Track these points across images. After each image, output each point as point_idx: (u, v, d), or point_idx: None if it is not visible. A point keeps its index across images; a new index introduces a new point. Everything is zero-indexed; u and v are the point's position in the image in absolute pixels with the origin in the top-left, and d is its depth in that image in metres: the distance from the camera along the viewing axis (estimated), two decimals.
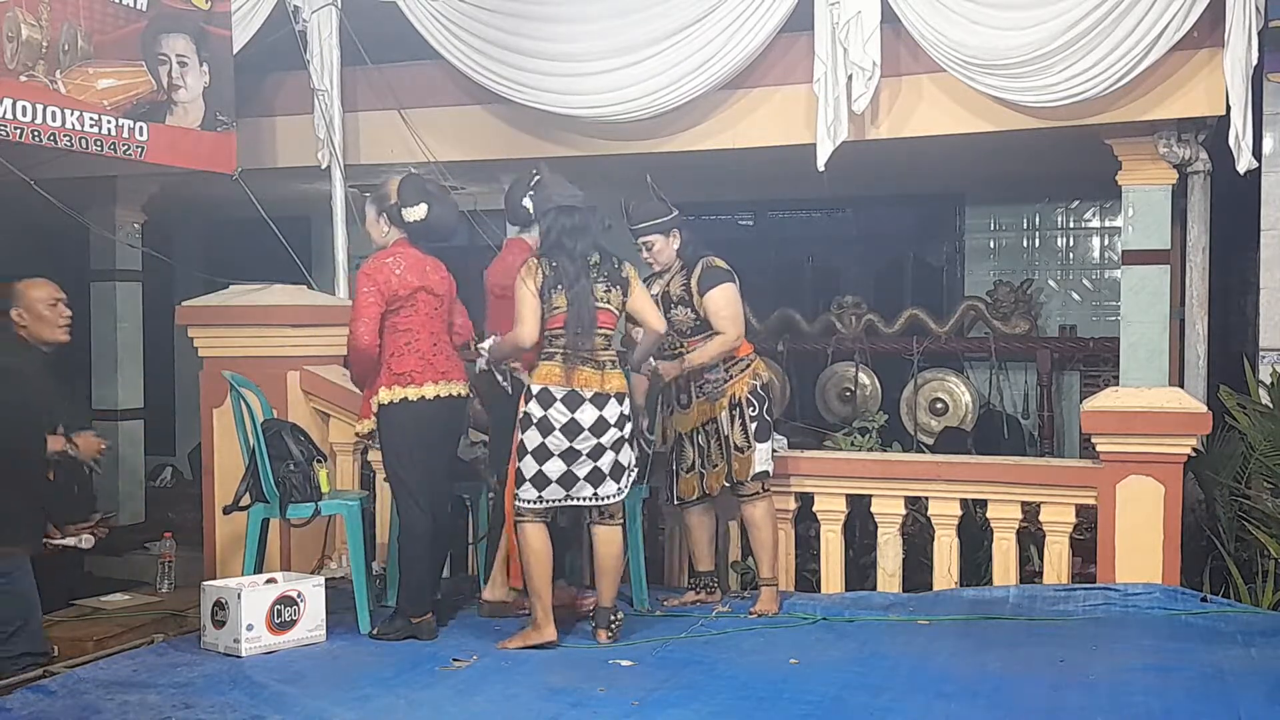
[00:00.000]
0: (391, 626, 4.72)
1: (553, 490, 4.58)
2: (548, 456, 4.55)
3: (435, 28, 6.41)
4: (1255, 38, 5.27)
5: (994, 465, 5.56)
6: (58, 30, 5.49)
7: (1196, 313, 6.10)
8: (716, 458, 5.13)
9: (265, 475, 4.84)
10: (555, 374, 4.55)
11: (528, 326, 4.53)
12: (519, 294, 4.56)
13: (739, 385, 5.09)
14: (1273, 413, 5.46)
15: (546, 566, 4.60)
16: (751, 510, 5.14)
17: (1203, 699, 3.87)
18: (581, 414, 4.54)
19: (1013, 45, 5.58)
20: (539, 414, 4.54)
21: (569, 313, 4.55)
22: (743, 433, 5.07)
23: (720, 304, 5.03)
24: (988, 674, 4.20)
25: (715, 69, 6.06)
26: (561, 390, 4.54)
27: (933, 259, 9.98)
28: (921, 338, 8.89)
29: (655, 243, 5.08)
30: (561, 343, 4.56)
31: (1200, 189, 6.07)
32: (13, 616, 4.47)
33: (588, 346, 4.57)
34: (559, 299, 4.55)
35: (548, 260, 4.59)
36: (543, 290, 4.54)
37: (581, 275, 4.58)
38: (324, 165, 6.69)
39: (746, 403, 5.08)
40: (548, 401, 4.54)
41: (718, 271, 5.07)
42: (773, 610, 5.07)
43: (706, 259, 5.11)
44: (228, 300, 5.86)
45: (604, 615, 4.68)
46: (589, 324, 4.57)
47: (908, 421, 8.94)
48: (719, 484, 5.15)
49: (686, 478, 5.21)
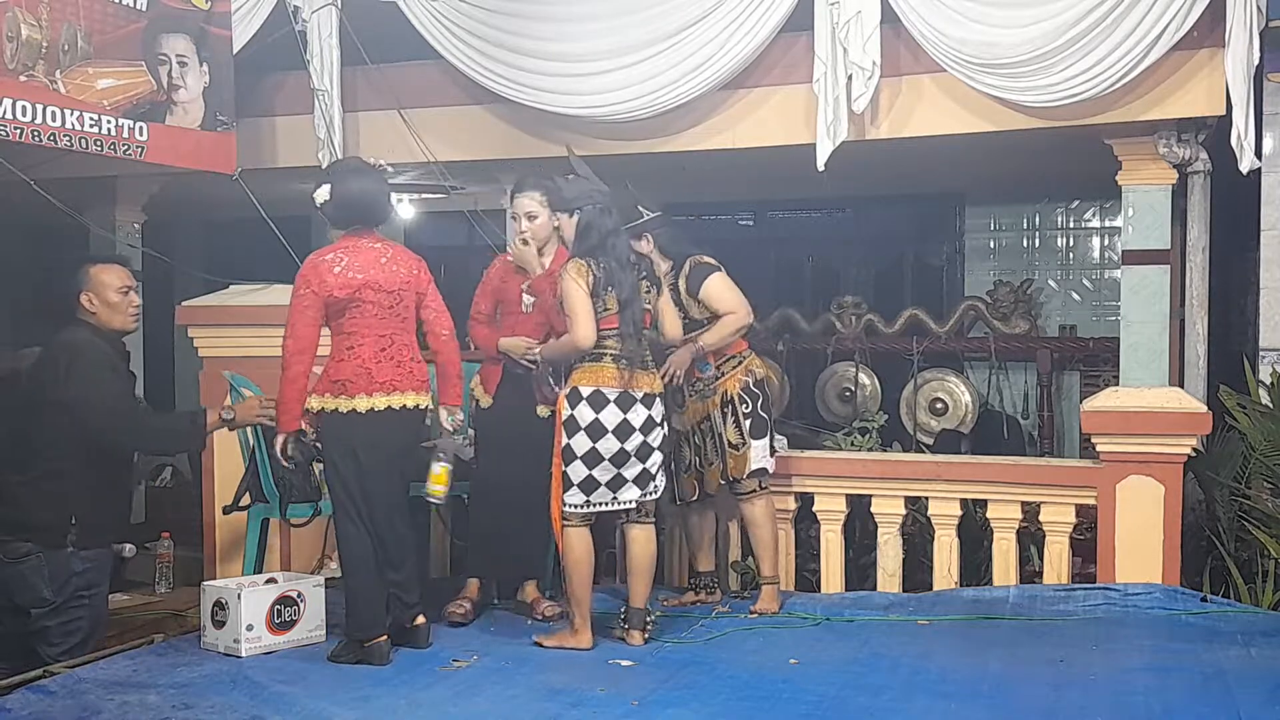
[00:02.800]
0: (344, 650, 4.46)
1: (600, 494, 4.55)
2: (598, 461, 4.51)
3: (435, 28, 6.41)
4: (1256, 38, 5.26)
5: (994, 465, 5.56)
6: (58, 30, 5.48)
7: (1196, 313, 6.10)
8: (713, 456, 5.13)
9: (265, 475, 4.84)
10: (609, 375, 4.52)
11: (585, 328, 4.47)
12: (570, 294, 4.50)
13: (731, 382, 5.09)
14: (1273, 413, 5.46)
15: (589, 572, 4.57)
16: (750, 509, 5.14)
17: (1203, 699, 3.87)
18: (634, 415, 4.53)
19: (1013, 45, 5.57)
20: (590, 417, 4.49)
21: (622, 314, 4.54)
22: (736, 429, 5.07)
23: (718, 290, 5.03)
24: (988, 674, 4.20)
25: (715, 69, 6.05)
26: (615, 392, 4.51)
27: (933, 259, 9.98)
28: (921, 338, 8.89)
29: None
30: (615, 344, 4.55)
31: (1200, 189, 6.06)
32: (83, 628, 4.41)
33: (641, 347, 4.59)
34: (610, 300, 4.54)
35: (594, 260, 4.55)
36: (594, 291, 4.51)
37: (630, 275, 4.58)
38: (324, 165, 6.68)
39: (739, 399, 5.07)
40: (600, 404, 4.50)
41: (704, 266, 5.08)
42: (773, 609, 5.07)
43: (693, 257, 5.11)
44: (228, 300, 5.86)
45: (638, 616, 4.63)
46: (640, 325, 4.58)
47: (908, 421, 8.94)
48: (717, 482, 5.15)
49: (685, 477, 5.21)
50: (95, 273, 4.45)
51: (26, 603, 4.35)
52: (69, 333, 4.44)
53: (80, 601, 4.39)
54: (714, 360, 5.08)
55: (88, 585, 4.41)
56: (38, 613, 4.34)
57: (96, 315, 4.44)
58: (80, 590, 4.38)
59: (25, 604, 4.35)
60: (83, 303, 4.43)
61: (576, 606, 4.57)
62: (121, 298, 4.47)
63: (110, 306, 4.44)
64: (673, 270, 5.09)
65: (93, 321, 4.45)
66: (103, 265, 4.50)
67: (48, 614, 4.34)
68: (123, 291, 4.48)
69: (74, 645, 4.37)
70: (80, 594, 4.38)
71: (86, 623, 4.42)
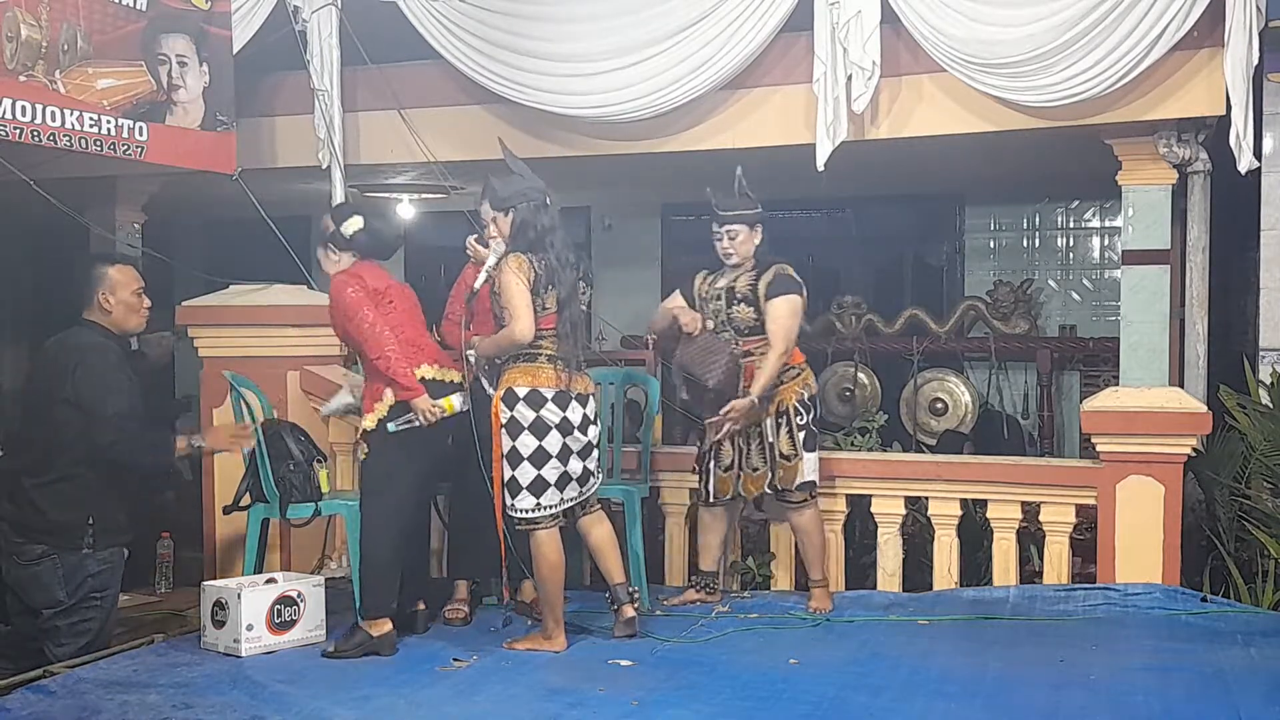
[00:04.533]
0: (349, 643, 4.52)
1: (549, 495, 4.49)
2: (546, 459, 4.48)
3: (435, 28, 6.40)
4: (1255, 38, 5.26)
5: (994, 465, 5.57)
6: (57, 30, 5.48)
7: (1196, 313, 6.10)
8: (757, 461, 5.10)
9: (265, 475, 4.84)
10: (546, 376, 4.48)
11: (525, 321, 4.41)
12: (510, 289, 4.44)
13: (788, 393, 5.08)
14: (1273, 413, 5.46)
15: (561, 575, 4.55)
16: (799, 518, 5.17)
17: (1203, 699, 3.88)
18: (572, 412, 4.50)
19: (1013, 45, 5.57)
20: (531, 416, 4.45)
21: (560, 314, 4.51)
22: (790, 441, 5.06)
23: (781, 313, 5.04)
24: (988, 674, 4.21)
25: (715, 69, 6.05)
26: (551, 390, 4.47)
27: (933, 259, 9.98)
28: (921, 338, 8.89)
29: (739, 233, 5.10)
30: (552, 344, 4.50)
31: (1200, 189, 6.06)
32: (92, 628, 4.42)
33: (579, 347, 4.57)
34: (549, 299, 4.50)
35: (535, 257, 4.51)
36: (535, 288, 4.46)
37: (569, 275, 4.55)
38: (324, 165, 6.69)
39: (794, 411, 5.07)
40: (538, 403, 4.46)
41: (790, 281, 5.10)
42: (826, 607, 5.13)
43: (780, 265, 5.13)
44: (228, 300, 5.86)
45: (620, 591, 4.66)
46: (579, 324, 4.56)
47: (908, 421, 8.94)
48: (757, 488, 5.13)
49: (723, 476, 5.18)
50: (113, 273, 4.48)
51: (40, 604, 4.36)
52: (77, 334, 4.43)
53: (93, 602, 4.40)
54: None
55: (101, 587, 4.42)
56: (49, 613, 4.35)
57: (112, 315, 4.44)
58: (93, 591, 4.39)
59: (39, 605, 4.36)
60: (101, 302, 4.43)
61: (549, 609, 4.56)
62: (137, 299, 4.50)
63: (127, 306, 4.47)
64: (755, 270, 5.10)
65: (104, 322, 4.45)
66: (119, 265, 4.53)
67: (59, 614, 4.35)
68: (138, 292, 4.51)
69: (82, 646, 4.38)
70: (93, 595, 4.40)
71: (96, 623, 4.44)
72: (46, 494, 4.34)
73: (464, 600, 5.06)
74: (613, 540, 4.72)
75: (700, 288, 5.27)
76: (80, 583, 4.34)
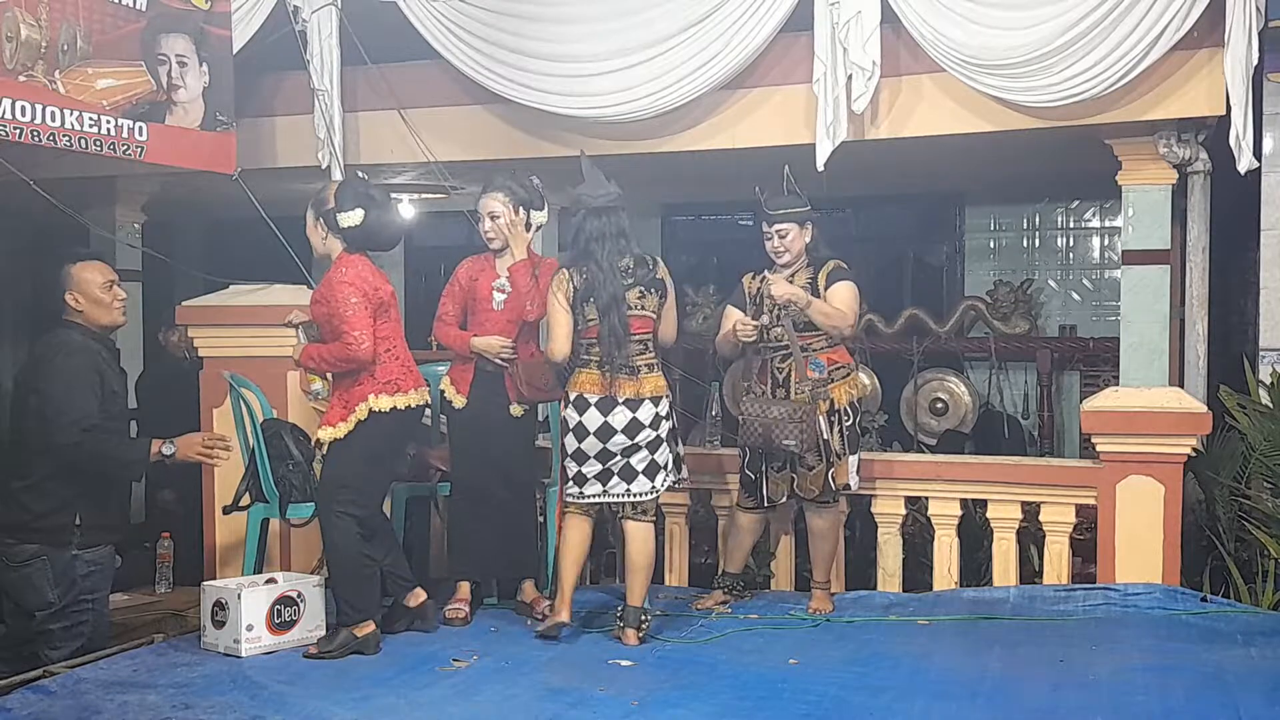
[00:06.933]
0: (332, 644, 4.48)
1: (591, 487, 4.72)
2: (584, 459, 4.69)
3: (435, 28, 6.40)
4: (1255, 38, 5.27)
5: (994, 465, 5.57)
6: (57, 30, 5.48)
7: (1196, 313, 6.10)
8: (813, 460, 5.06)
9: (265, 475, 4.84)
10: (592, 381, 4.68)
11: (558, 343, 4.68)
12: (549, 309, 4.73)
13: (840, 392, 5.06)
14: (1273, 413, 5.46)
15: (576, 559, 4.75)
16: (820, 520, 5.17)
17: (1203, 699, 3.87)
18: (615, 417, 4.66)
19: (1013, 45, 5.57)
20: (575, 419, 4.70)
21: (602, 324, 4.65)
22: (841, 440, 5.06)
23: (843, 295, 5.04)
24: (988, 674, 4.20)
25: (715, 69, 6.05)
26: (595, 396, 4.66)
27: (933, 259, 9.97)
28: (921, 338, 8.88)
29: (790, 232, 5.11)
30: (597, 352, 4.69)
31: (1200, 189, 6.06)
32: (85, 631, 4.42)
33: (623, 355, 4.65)
34: (590, 310, 4.67)
35: (577, 270, 4.69)
36: (574, 303, 4.67)
37: (611, 283, 4.64)
38: (324, 165, 6.69)
39: (844, 412, 5.07)
40: (583, 408, 4.68)
41: (845, 271, 5.13)
42: (827, 608, 5.13)
43: (836, 261, 5.16)
44: (228, 300, 5.85)
45: (633, 615, 4.66)
46: (623, 334, 4.65)
47: (908, 421, 8.94)
48: (815, 486, 5.08)
49: (777, 477, 5.14)
50: (76, 271, 4.46)
51: (32, 606, 4.35)
52: (53, 335, 4.45)
53: (84, 605, 4.40)
54: (826, 363, 5.06)
55: (91, 589, 4.43)
56: (42, 615, 4.35)
57: (84, 314, 4.44)
58: (84, 593, 4.39)
59: (30, 607, 4.36)
60: (70, 302, 4.43)
61: (559, 585, 4.74)
62: (106, 293, 4.48)
63: (96, 303, 4.45)
64: (811, 268, 5.13)
65: (81, 321, 4.45)
66: (83, 263, 4.51)
67: (52, 616, 4.35)
68: (106, 287, 4.48)
69: (77, 649, 4.38)
70: (84, 597, 4.39)
71: (89, 626, 4.43)
72: (32, 494, 4.34)
73: (464, 600, 5.06)
74: (649, 561, 4.76)
75: (751, 286, 5.24)
76: (70, 584, 4.35)
